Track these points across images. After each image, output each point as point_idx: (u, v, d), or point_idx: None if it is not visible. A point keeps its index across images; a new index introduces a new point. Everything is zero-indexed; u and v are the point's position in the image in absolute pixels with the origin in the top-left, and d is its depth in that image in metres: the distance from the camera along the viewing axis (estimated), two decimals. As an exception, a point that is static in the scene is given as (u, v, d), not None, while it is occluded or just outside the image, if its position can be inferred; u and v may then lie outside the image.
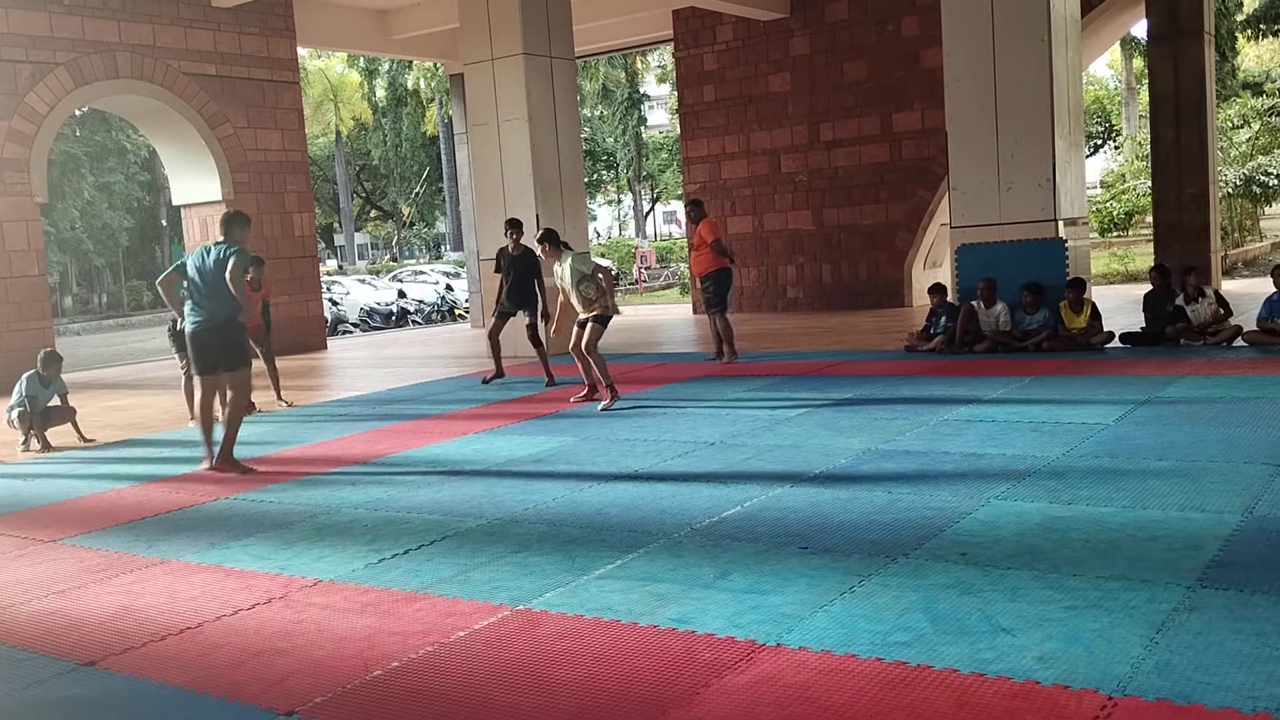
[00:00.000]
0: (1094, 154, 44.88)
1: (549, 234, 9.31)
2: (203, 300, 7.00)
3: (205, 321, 7.03)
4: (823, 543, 4.59)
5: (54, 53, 14.46)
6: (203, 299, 7.00)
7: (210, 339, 7.08)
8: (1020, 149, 10.91)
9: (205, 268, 6.98)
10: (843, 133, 17.97)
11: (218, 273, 6.93)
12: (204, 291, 6.99)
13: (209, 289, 6.97)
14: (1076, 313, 10.42)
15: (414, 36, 20.06)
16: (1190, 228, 14.42)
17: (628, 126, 49.36)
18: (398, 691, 3.37)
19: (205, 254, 7.04)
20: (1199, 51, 14.38)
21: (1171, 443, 6.04)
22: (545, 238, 9.26)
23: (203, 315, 7.02)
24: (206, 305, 6.99)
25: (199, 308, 7.03)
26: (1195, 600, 3.61)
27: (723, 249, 11.27)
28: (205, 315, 7.02)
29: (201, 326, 7.05)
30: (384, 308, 26.04)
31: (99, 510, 6.40)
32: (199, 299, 7.02)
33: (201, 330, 7.06)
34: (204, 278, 6.98)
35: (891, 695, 3.06)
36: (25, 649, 4.03)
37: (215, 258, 6.98)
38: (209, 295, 6.98)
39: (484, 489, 6.16)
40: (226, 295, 6.96)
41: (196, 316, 7.05)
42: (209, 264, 6.97)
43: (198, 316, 7.04)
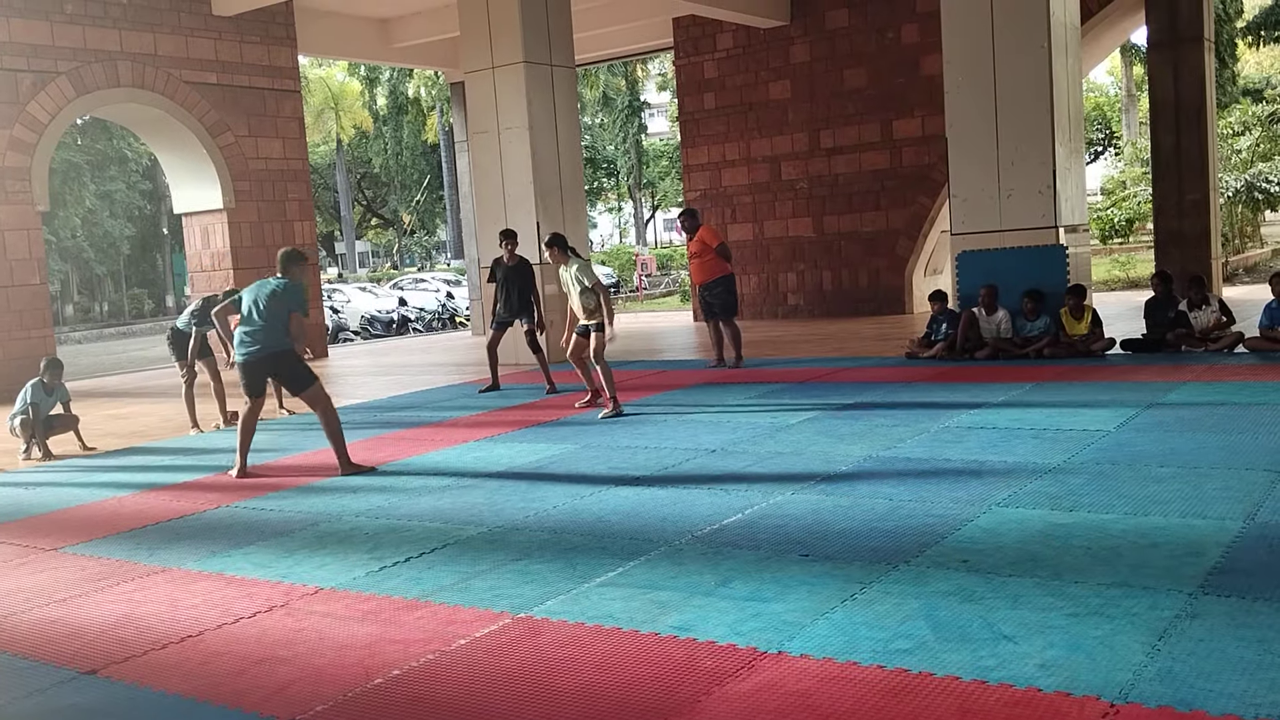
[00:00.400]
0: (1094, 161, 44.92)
1: (557, 238, 9.32)
2: (256, 332, 7.12)
3: (259, 351, 7.14)
4: (824, 550, 4.59)
5: (55, 61, 14.49)
6: (257, 331, 7.11)
7: (261, 368, 7.22)
8: (1021, 155, 10.92)
9: (261, 300, 7.12)
10: (843, 140, 18.00)
11: (273, 306, 7.08)
12: (258, 324, 7.11)
13: (264, 321, 7.09)
14: (1077, 319, 10.42)
15: (415, 45, 20.11)
16: (1191, 234, 14.42)
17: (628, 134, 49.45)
18: (399, 700, 3.37)
19: (262, 288, 7.21)
20: (1199, 58, 14.40)
21: (1173, 449, 6.04)
22: (553, 241, 9.26)
23: (256, 346, 7.13)
24: (260, 336, 7.12)
25: (252, 338, 7.13)
26: (1197, 607, 3.61)
27: (728, 254, 11.34)
28: (259, 345, 7.13)
29: (254, 356, 7.16)
30: (385, 315, 26.07)
31: (100, 518, 6.40)
32: (253, 330, 7.13)
33: (253, 360, 7.17)
34: (259, 310, 7.11)
35: (893, 703, 3.06)
36: (27, 657, 4.02)
37: (271, 291, 7.13)
38: (263, 327, 7.10)
39: (485, 497, 6.15)
40: (280, 327, 7.11)
41: (250, 347, 7.15)
42: (264, 297, 7.13)
43: (253, 346, 7.15)
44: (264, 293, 7.15)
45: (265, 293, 7.14)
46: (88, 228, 37.87)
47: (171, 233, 41.73)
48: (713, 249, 11.22)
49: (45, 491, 7.45)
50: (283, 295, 7.11)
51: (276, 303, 7.08)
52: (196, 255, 17.09)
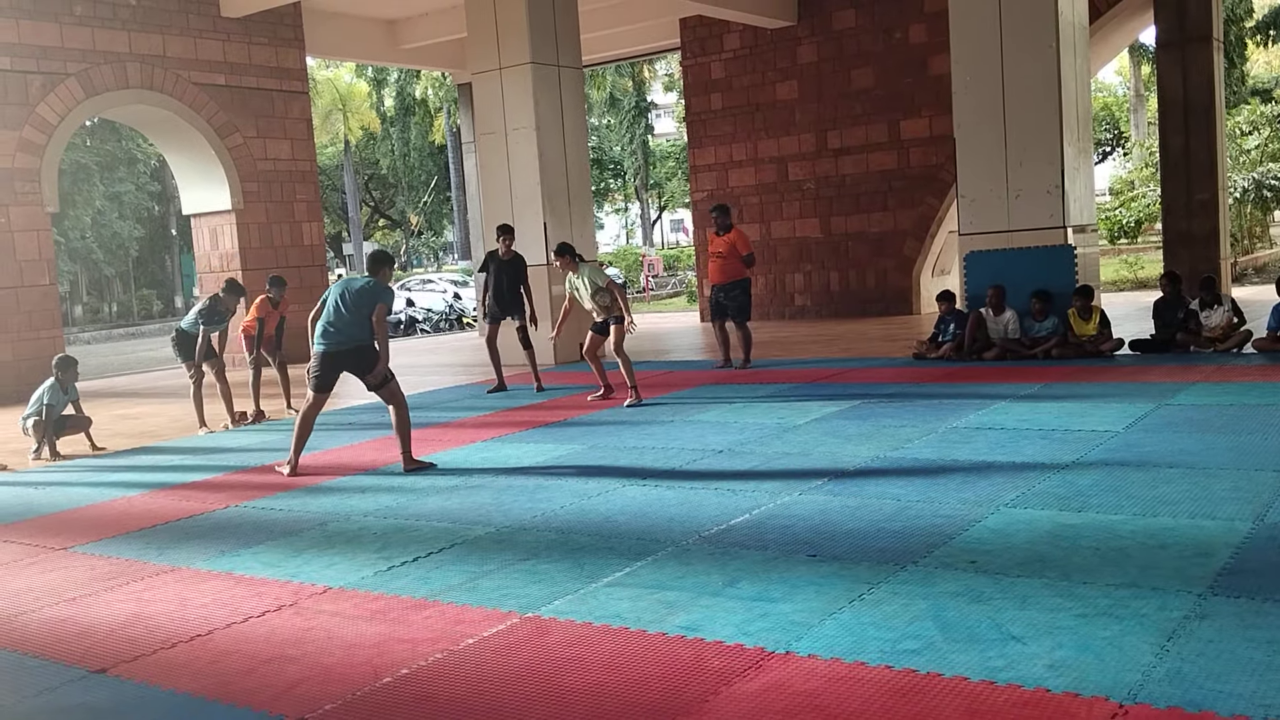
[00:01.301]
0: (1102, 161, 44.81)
1: (566, 247, 9.52)
2: (340, 325, 7.19)
3: (344, 343, 7.21)
4: (831, 550, 4.59)
5: (64, 63, 14.54)
6: (341, 324, 7.19)
7: (343, 360, 7.28)
8: (1028, 156, 10.91)
9: (349, 295, 7.21)
10: (850, 140, 17.99)
11: (359, 302, 7.16)
12: (344, 317, 7.18)
13: (351, 316, 7.17)
14: (1085, 320, 10.40)
15: (422, 46, 20.14)
16: (1199, 234, 14.38)
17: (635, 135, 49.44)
18: (407, 699, 3.38)
19: (350, 284, 7.31)
20: (1208, 58, 14.36)
21: (1182, 450, 6.03)
22: (562, 250, 9.46)
23: (341, 338, 7.21)
24: (344, 329, 7.20)
25: (338, 331, 7.21)
26: (1206, 608, 3.60)
27: (753, 263, 11.44)
28: (343, 338, 7.21)
29: (337, 348, 7.22)
30: (393, 316, 26.10)
31: (109, 518, 6.42)
32: (338, 324, 7.19)
33: (334, 351, 7.23)
34: (345, 305, 7.19)
35: (901, 703, 3.06)
36: (37, 656, 4.04)
37: (360, 288, 7.22)
38: (349, 321, 7.18)
39: (492, 496, 6.16)
40: (364, 323, 7.19)
41: (334, 338, 7.22)
42: (351, 292, 7.22)
43: (337, 338, 7.22)
44: (352, 288, 7.25)
45: (354, 289, 7.24)
46: (97, 229, 37.97)
47: (180, 234, 41.83)
48: (741, 255, 11.22)
49: (55, 491, 7.48)
50: (371, 291, 7.20)
51: (364, 298, 7.17)
52: (205, 256, 17.13)
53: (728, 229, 11.40)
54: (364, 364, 7.31)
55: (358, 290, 7.21)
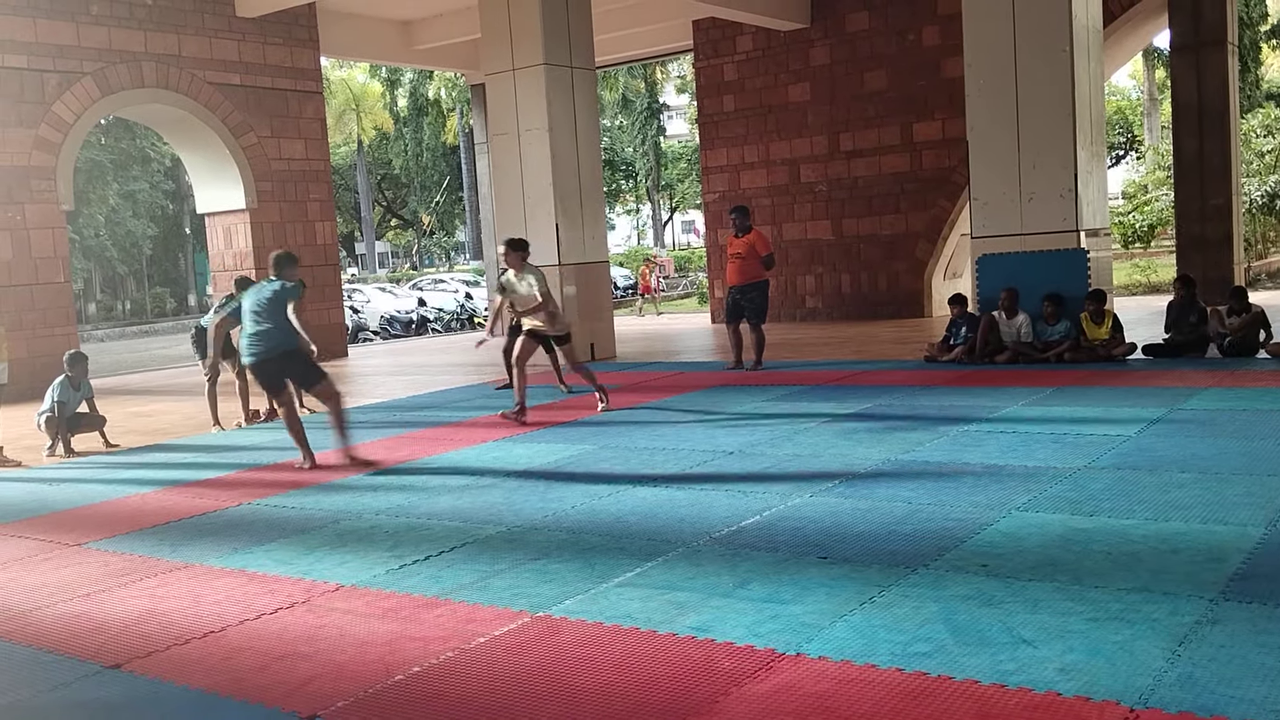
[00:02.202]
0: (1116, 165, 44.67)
1: (519, 243, 8.98)
2: (262, 333, 7.25)
3: (268, 353, 7.28)
4: (842, 552, 4.59)
5: (81, 62, 14.62)
6: (262, 332, 7.25)
7: (274, 367, 7.36)
8: (1042, 159, 10.88)
9: (262, 304, 7.26)
10: (862, 142, 17.98)
11: (273, 307, 7.22)
12: (263, 326, 7.24)
13: (271, 322, 7.22)
14: (1098, 324, 10.37)
15: (436, 47, 20.20)
16: (1213, 239, 14.35)
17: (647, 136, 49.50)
18: (419, 697, 3.39)
19: (260, 292, 7.36)
20: (1222, 62, 14.32)
21: (1194, 455, 6.01)
22: (517, 245, 8.93)
23: (264, 347, 7.27)
24: (268, 337, 7.24)
25: (260, 339, 7.27)
26: (1218, 613, 3.60)
27: (772, 264, 11.43)
28: (267, 346, 7.27)
29: (262, 357, 7.30)
30: (404, 316, 26.17)
31: (123, 515, 6.46)
32: (259, 333, 7.26)
33: (263, 361, 7.31)
34: (261, 313, 7.24)
35: (912, 706, 3.06)
36: (51, 651, 4.07)
37: (271, 293, 7.27)
38: (272, 328, 7.23)
39: (504, 496, 6.18)
40: (285, 327, 7.22)
41: (258, 348, 7.29)
42: (264, 301, 7.26)
43: (259, 347, 7.28)
44: (263, 296, 7.30)
45: (265, 296, 7.29)
46: (111, 227, 38.14)
47: (194, 232, 41.99)
48: (760, 256, 11.22)
49: (69, 488, 7.52)
50: (281, 293, 7.24)
51: (277, 302, 7.21)
52: (219, 255, 17.20)
53: (747, 230, 11.40)
54: (294, 368, 7.37)
55: (269, 296, 7.24)
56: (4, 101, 13.87)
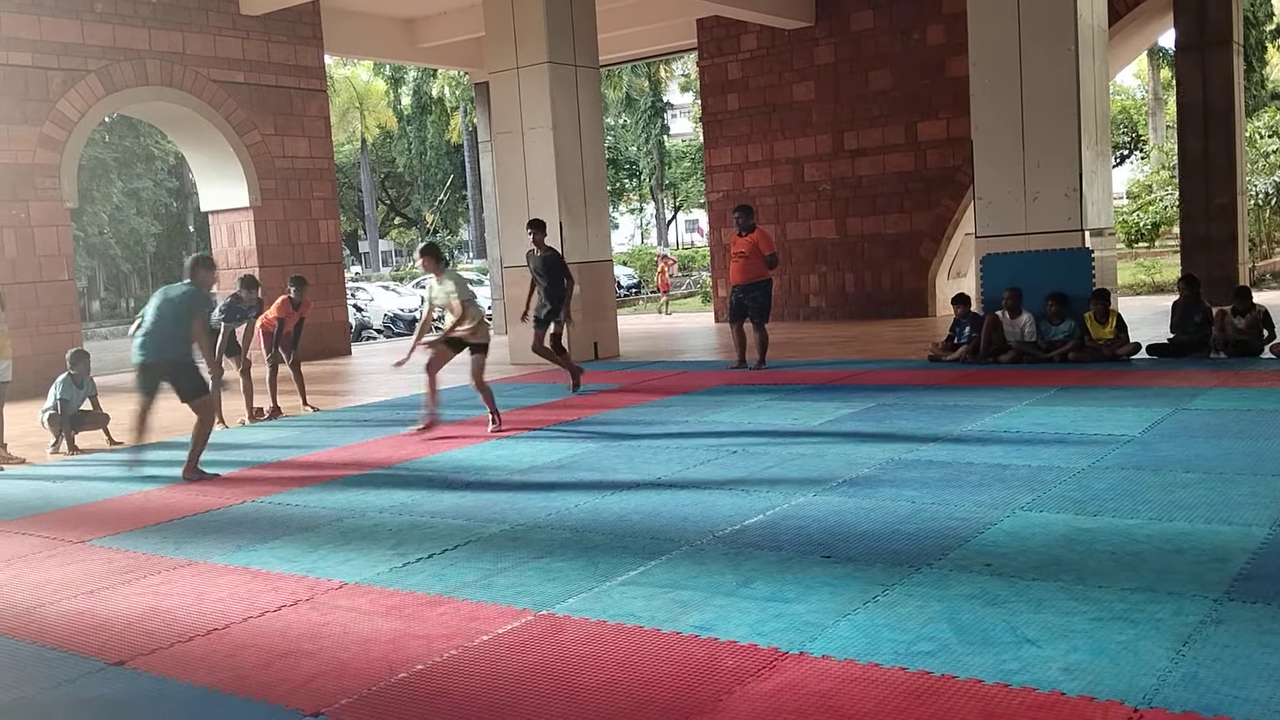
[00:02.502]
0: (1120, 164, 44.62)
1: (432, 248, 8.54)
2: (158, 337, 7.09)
3: (160, 357, 7.13)
4: (846, 552, 4.59)
5: (85, 60, 14.63)
6: (159, 337, 7.09)
7: (156, 373, 7.19)
8: (1046, 158, 10.87)
9: (166, 306, 7.11)
10: (867, 141, 17.96)
11: (176, 313, 7.06)
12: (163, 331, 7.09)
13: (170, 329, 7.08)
14: (1102, 324, 10.36)
15: (440, 45, 20.20)
16: (1218, 239, 14.33)
17: (651, 135, 49.46)
18: (422, 694, 3.40)
19: (168, 293, 7.20)
20: (1227, 61, 14.30)
21: (1198, 455, 6.01)
22: (427, 251, 8.50)
23: (155, 351, 7.12)
24: (162, 344, 7.09)
25: (152, 342, 7.11)
26: (1222, 613, 3.59)
27: (776, 263, 11.43)
28: (159, 352, 7.12)
29: (151, 360, 7.15)
30: (408, 314, 26.18)
31: (127, 512, 6.46)
32: (155, 335, 7.11)
33: (150, 363, 7.16)
34: (163, 315, 7.11)
35: (915, 705, 3.06)
36: (55, 648, 4.07)
37: (177, 296, 7.13)
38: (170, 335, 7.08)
39: (507, 495, 6.18)
40: (182, 338, 7.08)
41: (149, 351, 7.14)
42: (169, 303, 7.12)
43: (152, 351, 7.13)
44: (170, 297, 7.16)
45: (171, 297, 7.15)
46: (115, 225, 38.15)
47: (198, 230, 42.00)
48: (764, 256, 11.21)
49: (73, 485, 7.53)
50: (188, 301, 7.08)
51: (181, 309, 7.06)
52: (223, 253, 17.21)
53: (750, 229, 11.39)
54: (180, 382, 7.20)
55: (175, 299, 7.08)
56: (9, 99, 13.89)
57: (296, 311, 10.32)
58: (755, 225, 11.51)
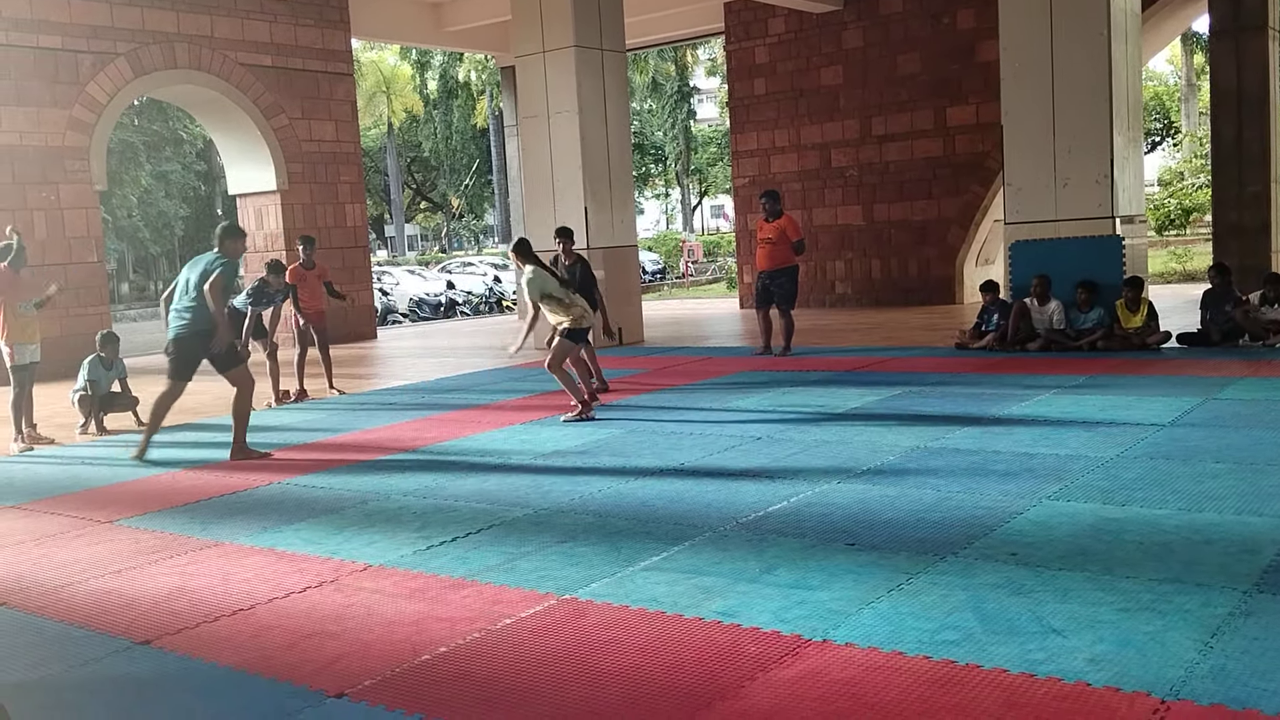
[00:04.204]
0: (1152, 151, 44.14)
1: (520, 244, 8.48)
2: (190, 306, 7.15)
3: (195, 326, 7.18)
4: (870, 539, 4.56)
5: (114, 43, 14.71)
6: (190, 306, 7.15)
7: (192, 345, 7.25)
8: (1077, 144, 10.75)
9: (194, 279, 7.15)
10: (895, 127, 17.82)
11: (200, 281, 7.09)
12: (192, 299, 7.13)
13: (198, 297, 7.11)
14: (1133, 312, 10.25)
15: (466, 29, 20.20)
16: (1250, 227, 14.12)
17: (677, 120, 49.33)
18: (445, 676, 3.41)
19: (196, 262, 7.23)
20: (1262, 47, 14.07)
21: (1228, 445, 5.94)
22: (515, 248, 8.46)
23: (187, 321, 7.17)
24: (193, 312, 7.14)
25: (185, 312, 7.17)
26: (1251, 605, 3.55)
27: (803, 249, 11.40)
28: (191, 321, 7.16)
29: (184, 331, 7.21)
30: (433, 298, 26.25)
31: (154, 492, 6.52)
32: (187, 305, 7.17)
33: (184, 335, 7.22)
34: (191, 285, 7.14)
35: (939, 693, 3.04)
36: (82, 627, 4.11)
37: (203, 270, 7.14)
38: (196, 306, 7.12)
39: (531, 479, 6.19)
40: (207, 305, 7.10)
41: (183, 321, 7.20)
42: (196, 272, 7.15)
43: (185, 320, 7.19)
44: (197, 266, 7.17)
45: (198, 267, 7.16)
46: (143, 207, 38.45)
47: (225, 213, 42.24)
48: (791, 242, 11.17)
49: (101, 465, 7.60)
50: (209, 266, 7.10)
51: (204, 275, 7.08)
52: (250, 236, 17.27)
53: (778, 215, 11.35)
54: (214, 355, 7.25)
55: (201, 268, 7.10)
56: (39, 82, 13.99)
57: (311, 273, 10.28)
58: (782, 211, 11.47)
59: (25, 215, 13.99)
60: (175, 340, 7.26)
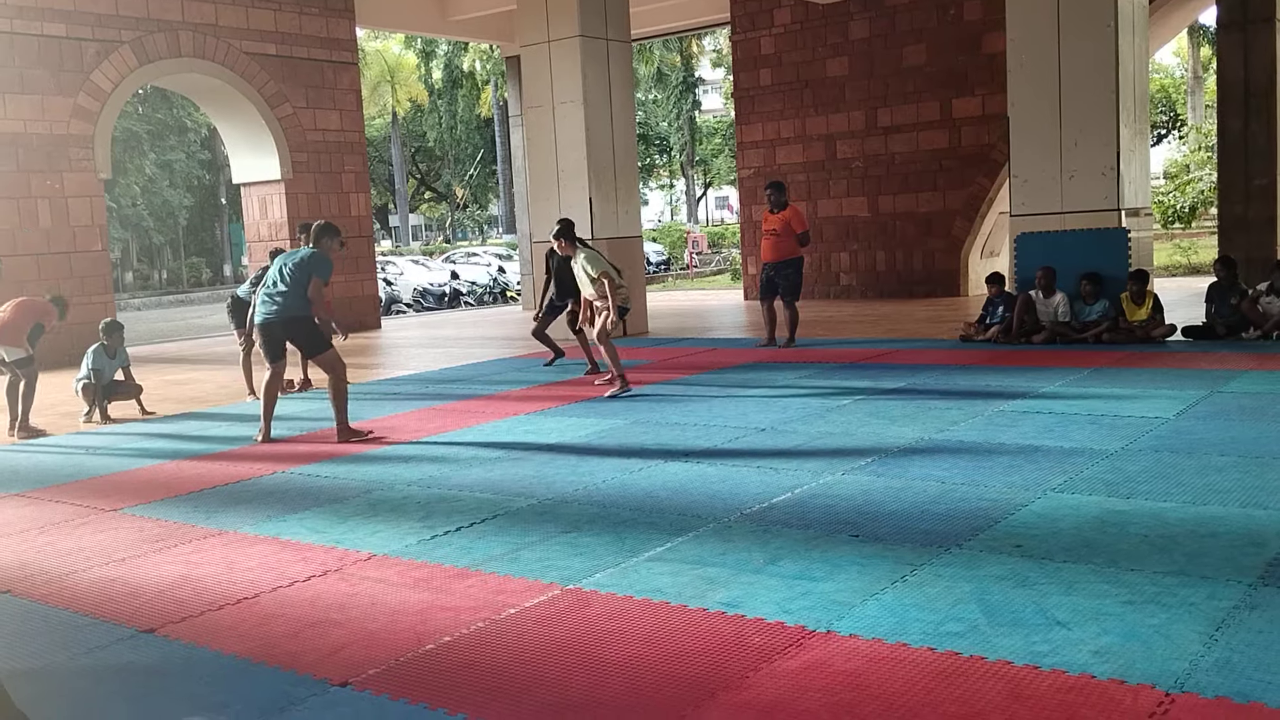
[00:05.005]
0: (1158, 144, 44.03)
1: (565, 227, 8.99)
2: (276, 296, 7.34)
3: (279, 314, 7.35)
4: (874, 531, 4.56)
5: (119, 31, 14.70)
6: (277, 295, 7.34)
7: (276, 330, 7.40)
8: (1084, 137, 10.72)
9: (287, 267, 7.36)
10: (900, 118, 17.77)
11: (295, 275, 7.30)
12: (282, 289, 7.32)
13: (289, 288, 7.30)
14: (1138, 305, 10.23)
15: (471, 18, 20.14)
16: (1256, 220, 14.08)
17: (681, 111, 49.26)
18: (449, 666, 3.41)
19: (293, 256, 7.46)
20: (1270, 40, 14.01)
21: (1233, 438, 5.92)
22: (562, 233, 8.93)
23: (274, 308, 7.36)
24: (280, 300, 7.33)
25: (272, 301, 7.36)
26: (1257, 598, 3.54)
27: (808, 241, 11.42)
28: (276, 309, 7.35)
29: (270, 318, 7.38)
30: (437, 288, 26.23)
31: (159, 481, 6.52)
32: (273, 294, 7.35)
33: (270, 321, 7.39)
34: (284, 276, 7.34)
35: (943, 685, 3.04)
36: (87, 615, 4.12)
37: (300, 259, 7.36)
38: (285, 292, 7.31)
39: (535, 469, 6.19)
40: (300, 295, 7.30)
41: (269, 308, 7.39)
42: (292, 265, 7.36)
43: (271, 308, 7.38)
44: (293, 260, 7.40)
45: (294, 260, 7.39)
46: (147, 196, 38.43)
47: (230, 203, 42.27)
48: (795, 234, 11.17)
49: (106, 454, 7.61)
50: (308, 263, 7.32)
51: (301, 270, 7.29)
52: (254, 225, 17.30)
53: (783, 206, 11.33)
54: (297, 335, 7.45)
55: (297, 262, 7.34)
56: (43, 70, 13.98)
57: None
58: (787, 202, 11.45)
59: (30, 203, 14.00)
60: (262, 326, 7.45)
